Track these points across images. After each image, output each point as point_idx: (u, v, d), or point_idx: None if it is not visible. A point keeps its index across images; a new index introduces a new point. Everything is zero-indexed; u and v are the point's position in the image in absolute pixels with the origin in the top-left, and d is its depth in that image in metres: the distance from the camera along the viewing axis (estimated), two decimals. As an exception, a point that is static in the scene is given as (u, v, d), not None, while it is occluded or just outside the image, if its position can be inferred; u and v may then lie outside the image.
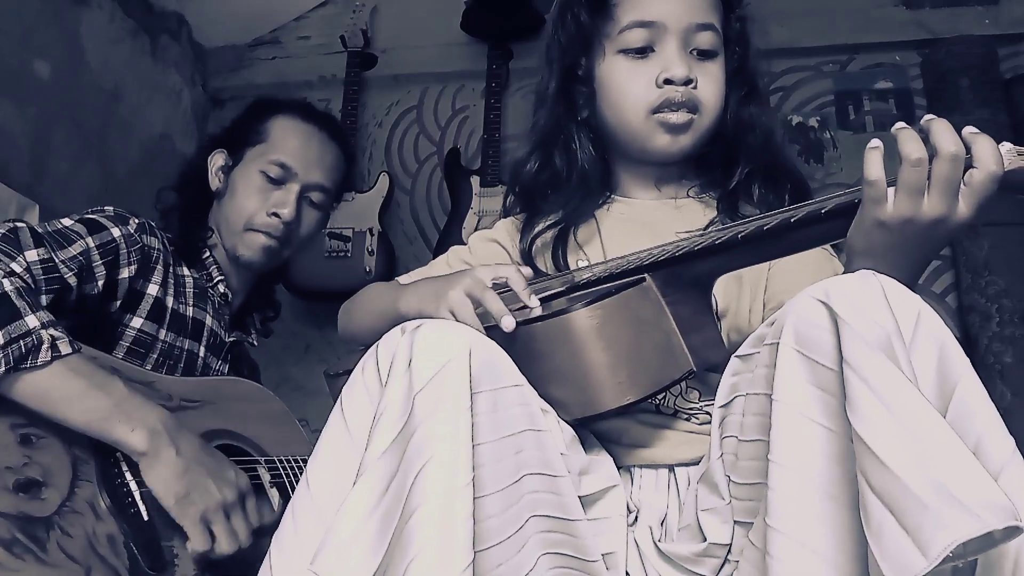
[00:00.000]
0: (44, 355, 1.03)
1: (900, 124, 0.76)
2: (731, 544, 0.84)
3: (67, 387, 1.05)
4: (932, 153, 0.73)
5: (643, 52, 1.06)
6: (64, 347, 1.05)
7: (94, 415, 1.06)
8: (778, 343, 0.75)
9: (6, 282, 1.04)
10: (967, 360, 0.70)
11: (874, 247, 0.79)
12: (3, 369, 1.01)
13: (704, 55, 1.06)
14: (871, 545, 0.62)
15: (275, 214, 1.43)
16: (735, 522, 0.83)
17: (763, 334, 0.80)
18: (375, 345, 0.80)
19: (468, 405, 0.73)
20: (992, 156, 0.73)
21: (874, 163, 0.76)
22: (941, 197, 0.74)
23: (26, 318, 1.03)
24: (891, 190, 0.76)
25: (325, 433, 0.81)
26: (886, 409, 0.64)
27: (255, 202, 1.44)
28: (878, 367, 0.66)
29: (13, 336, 1.02)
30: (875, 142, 0.76)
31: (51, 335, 1.04)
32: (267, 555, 0.79)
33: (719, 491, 0.84)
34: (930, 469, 0.61)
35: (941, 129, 0.73)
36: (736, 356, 0.84)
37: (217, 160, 1.49)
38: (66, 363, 1.05)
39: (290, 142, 1.47)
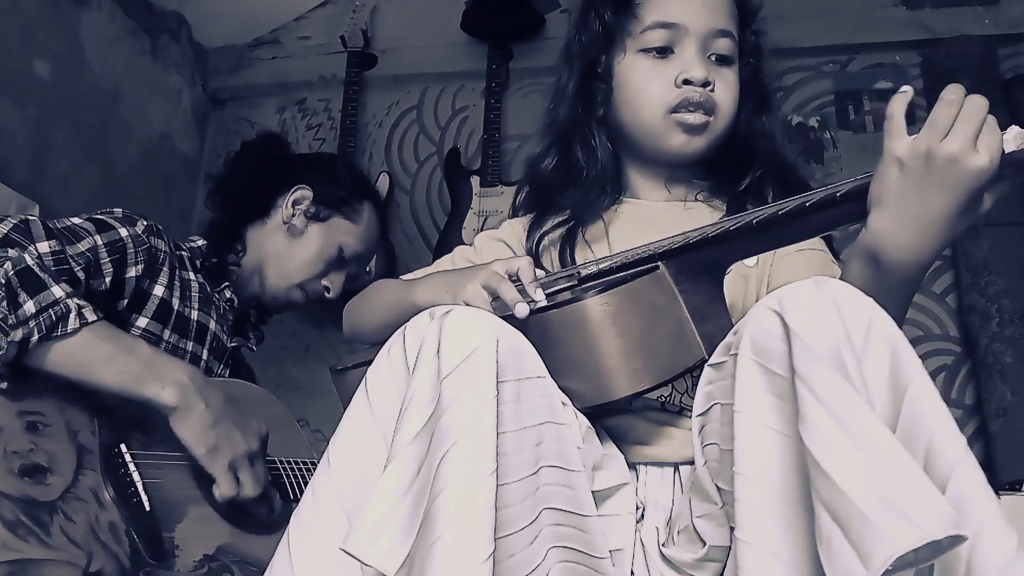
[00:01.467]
0: (73, 322, 1.07)
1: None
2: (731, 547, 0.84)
3: (97, 351, 1.10)
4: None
5: (663, 52, 1.08)
6: (90, 314, 1.09)
7: (126, 375, 1.11)
8: (738, 353, 0.76)
9: (26, 256, 1.07)
10: (919, 362, 0.72)
11: (888, 191, 0.79)
12: (36, 337, 1.05)
13: (722, 60, 1.08)
14: (821, 556, 0.64)
15: (327, 288, 1.58)
16: (731, 528, 0.83)
17: (730, 343, 0.81)
18: (402, 328, 0.81)
19: (494, 394, 0.74)
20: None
21: (897, 102, 0.79)
22: (961, 133, 0.75)
23: (52, 288, 1.07)
24: (912, 138, 0.78)
25: (348, 413, 0.82)
26: (835, 423, 0.66)
27: (318, 269, 1.56)
28: (827, 382, 0.68)
29: (43, 305, 1.05)
30: (906, 87, 0.79)
31: (77, 303, 1.08)
32: (285, 532, 0.79)
33: (710, 497, 0.84)
34: (875, 483, 0.63)
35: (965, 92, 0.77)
36: (709, 365, 0.85)
37: (302, 197, 1.56)
38: (93, 329, 1.09)
39: (369, 235, 1.63)
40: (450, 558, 0.66)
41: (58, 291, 1.07)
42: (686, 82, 1.05)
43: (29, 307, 1.04)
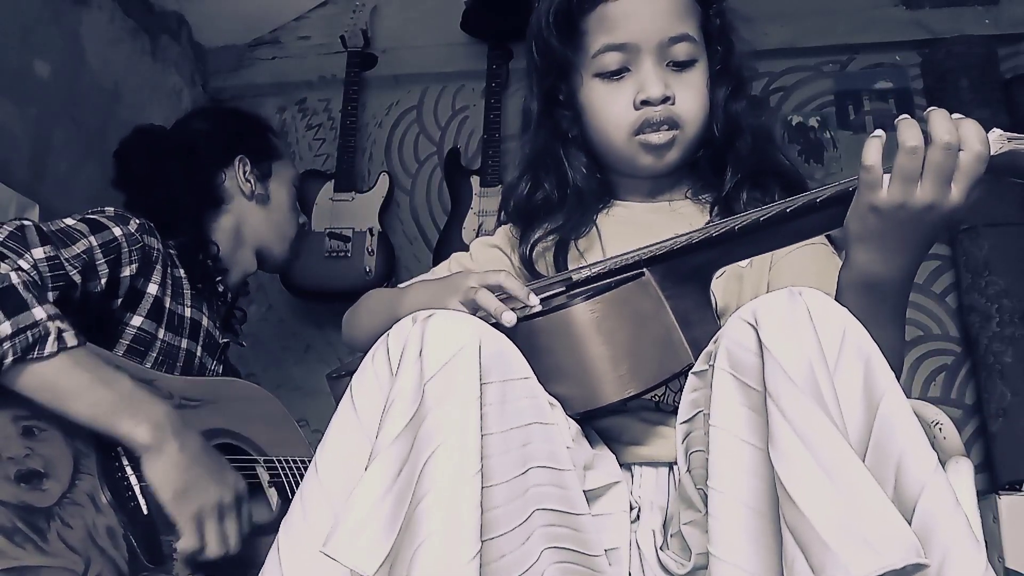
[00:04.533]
0: (51, 346, 1.04)
1: (903, 116, 0.77)
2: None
3: (73, 380, 1.06)
4: (927, 141, 0.74)
5: (619, 73, 1.06)
6: (70, 339, 1.06)
7: (99, 409, 1.07)
8: (714, 365, 0.77)
9: (13, 275, 1.04)
10: (892, 374, 0.72)
11: (868, 231, 0.80)
12: (11, 359, 1.01)
13: (681, 66, 1.06)
14: None
15: (305, 223, 1.67)
16: None
17: (710, 351, 0.81)
18: (386, 334, 0.81)
19: (477, 395, 0.74)
20: (977, 137, 0.74)
21: (872, 149, 0.77)
22: (933, 184, 0.75)
23: (33, 310, 1.03)
24: (886, 176, 0.76)
25: (335, 420, 0.82)
26: (802, 446, 0.67)
27: (296, 214, 1.64)
28: (797, 403, 0.68)
29: (21, 327, 1.02)
30: (878, 132, 0.77)
31: (58, 327, 1.05)
32: (275, 540, 0.79)
33: (695, 505, 0.84)
34: (838, 509, 0.64)
35: (938, 118, 0.74)
36: (693, 373, 0.85)
37: (246, 167, 1.55)
38: (72, 356, 1.06)
39: (288, 157, 1.67)
40: (435, 559, 0.66)
41: (39, 313, 1.03)
42: (644, 102, 1.03)
43: (5, 327, 1.01)
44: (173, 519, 1.10)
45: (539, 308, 0.87)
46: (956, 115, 0.75)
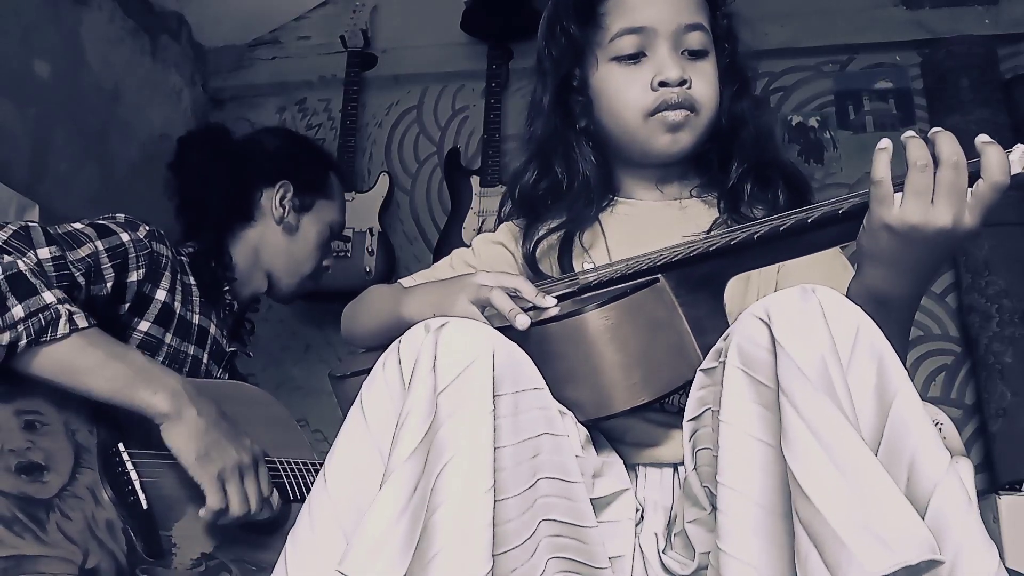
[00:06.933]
0: (63, 328, 1.06)
1: (909, 133, 0.77)
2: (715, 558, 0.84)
3: (88, 358, 1.08)
4: (936, 161, 0.75)
5: (636, 58, 1.07)
6: (81, 320, 1.08)
7: (116, 382, 1.10)
8: (725, 361, 0.76)
9: (20, 263, 1.06)
10: (905, 373, 0.72)
11: (882, 251, 0.79)
12: (24, 342, 1.03)
13: (695, 55, 1.07)
14: (799, 574, 0.66)
15: (327, 267, 1.67)
16: None
17: (720, 348, 0.80)
18: (397, 341, 0.80)
19: (491, 408, 0.73)
20: (999, 167, 0.74)
21: (881, 163, 0.77)
22: (946, 203, 0.74)
23: (43, 293, 1.06)
24: (898, 195, 0.76)
25: (344, 430, 0.81)
26: (816, 443, 0.67)
27: (320, 255, 1.64)
28: (811, 400, 0.68)
29: (32, 310, 1.04)
30: (884, 142, 0.77)
31: (68, 309, 1.07)
32: (282, 552, 0.78)
33: (700, 503, 0.84)
34: (853, 505, 0.64)
35: (944, 139, 0.75)
36: (701, 370, 0.84)
37: (286, 193, 1.57)
38: (84, 336, 1.08)
39: (343, 201, 1.70)
40: (447, 571, 0.66)
41: (49, 296, 1.06)
42: (662, 84, 1.04)
43: (18, 311, 1.03)
44: (197, 481, 1.12)
45: (555, 311, 0.86)
46: (982, 137, 0.75)
